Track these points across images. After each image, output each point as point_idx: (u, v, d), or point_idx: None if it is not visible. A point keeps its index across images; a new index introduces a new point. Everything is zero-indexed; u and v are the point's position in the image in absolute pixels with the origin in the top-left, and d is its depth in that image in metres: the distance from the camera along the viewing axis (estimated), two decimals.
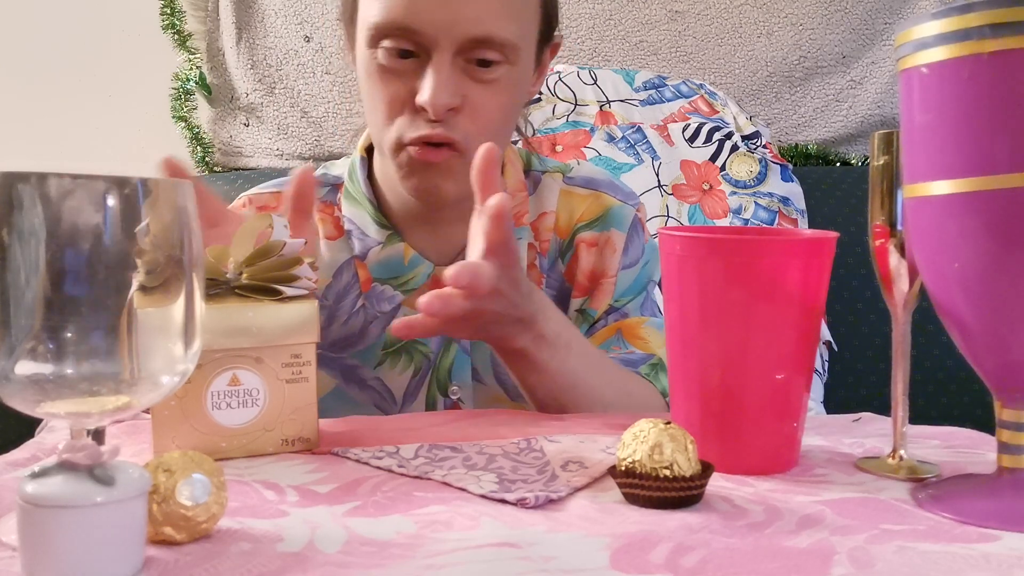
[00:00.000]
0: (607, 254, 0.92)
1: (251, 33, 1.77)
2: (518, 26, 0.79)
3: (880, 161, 0.55)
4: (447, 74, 0.76)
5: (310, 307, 0.57)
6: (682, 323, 0.55)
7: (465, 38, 0.76)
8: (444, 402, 0.89)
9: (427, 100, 0.76)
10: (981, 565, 0.40)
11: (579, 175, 0.96)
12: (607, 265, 0.92)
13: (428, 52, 0.77)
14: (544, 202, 0.94)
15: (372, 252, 0.89)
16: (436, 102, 0.76)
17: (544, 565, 0.40)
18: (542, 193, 0.94)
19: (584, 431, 0.63)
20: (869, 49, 1.77)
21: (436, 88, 0.76)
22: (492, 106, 0.80)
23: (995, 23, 0.43)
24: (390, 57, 0.78)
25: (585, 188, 0.95)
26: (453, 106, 0.77)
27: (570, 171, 0.96)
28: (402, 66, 0.78)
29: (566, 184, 0.95)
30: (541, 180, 0.95)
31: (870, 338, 1.49)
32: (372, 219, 0.89)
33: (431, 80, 0.76)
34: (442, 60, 0.76)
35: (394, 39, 0.77)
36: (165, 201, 0.39)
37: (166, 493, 0.41)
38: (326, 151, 1.77)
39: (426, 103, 0.76)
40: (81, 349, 0.37)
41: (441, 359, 0.88)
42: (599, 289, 0.92)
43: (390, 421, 0.67)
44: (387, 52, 0.78)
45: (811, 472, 0.55)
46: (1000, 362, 0.48)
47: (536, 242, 0.93)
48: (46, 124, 1.79)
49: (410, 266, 0.89)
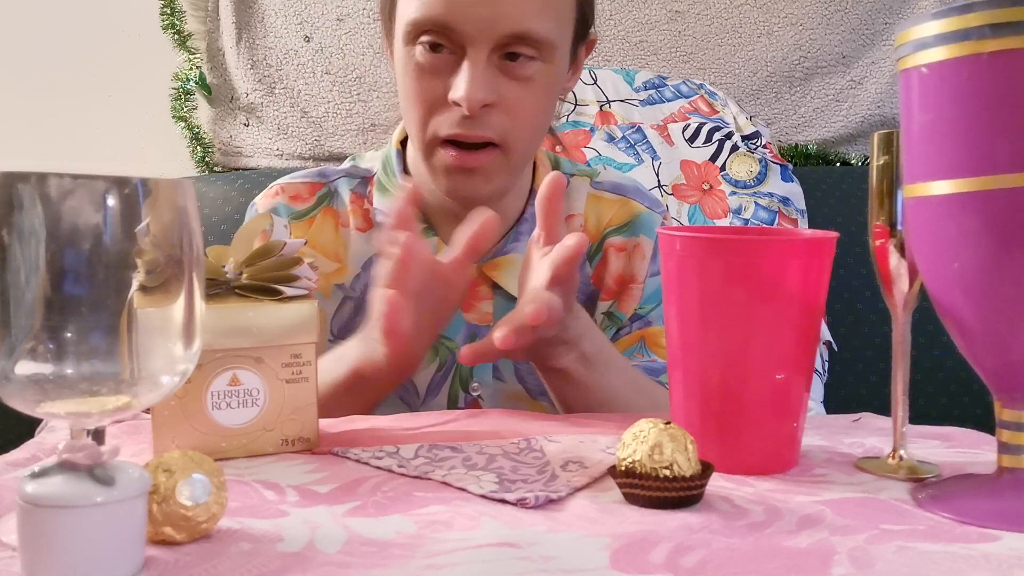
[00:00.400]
0: (636, 259, 0.93)
1: (251, 33, 1.77)
2: (555, 24, 0.79)
3: (880, 161, 0.55)
4: (483, 70, 0.77)
5: (310, 307, 0.57)
6: (682, 323, 0.55)
7: (502, 35, 0.76)
8: (465, 398, 0.89)
9: (462, 96, 0.76)
10: (981, 565, 0.40)
11: (607, 180, 0.97)
12: (636, 270, 0.93)
13: (464, 49, 0.77)
14: (572, 204, 0.95)
15: None
16: (471, 97, 0.76)
17: (544, 565, 0.40)
18: (570, 196, 0.95)
19: (584, 431, 0.63)
20: (869, 49, 1.77)
21: (471, 84, 0.76)
22: (528, 103, 0.80)
23: (995, 23, 0.43)
24: (427, 54, 0.78)
25: (613, 193, 0.96)
26: (488, 102, 0.78)
27: (597, 176, 0.98)
28: (439, 63, 0.78)
29: (594, 188, 0.96)
30: (570, 183, 0.96)
31: (870, 338, 1.49)
32: None
33: (466, 76, 0.76)
34: (478, 57, 0.77)
35: (431, 35, 0.77)
36: (165, 201, 0.39)
37: (166, 493, 0.41)
38: (326, 151, 1.77)
39: (461, 99, 0.76)
40: (81, 349, 0.37)
41: None
42: (627, 294, 0.93)
43: (390, 421, 0.68)
44: (424, 49, 0.78)
45: (811, 472, 0.55)
46: (1000, 362, 0.48)
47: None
48: (46, 124, 1.79)
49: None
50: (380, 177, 0.93)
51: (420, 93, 0.80)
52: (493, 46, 0.77)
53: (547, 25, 0.78)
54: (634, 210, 0.95)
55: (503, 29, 0.76)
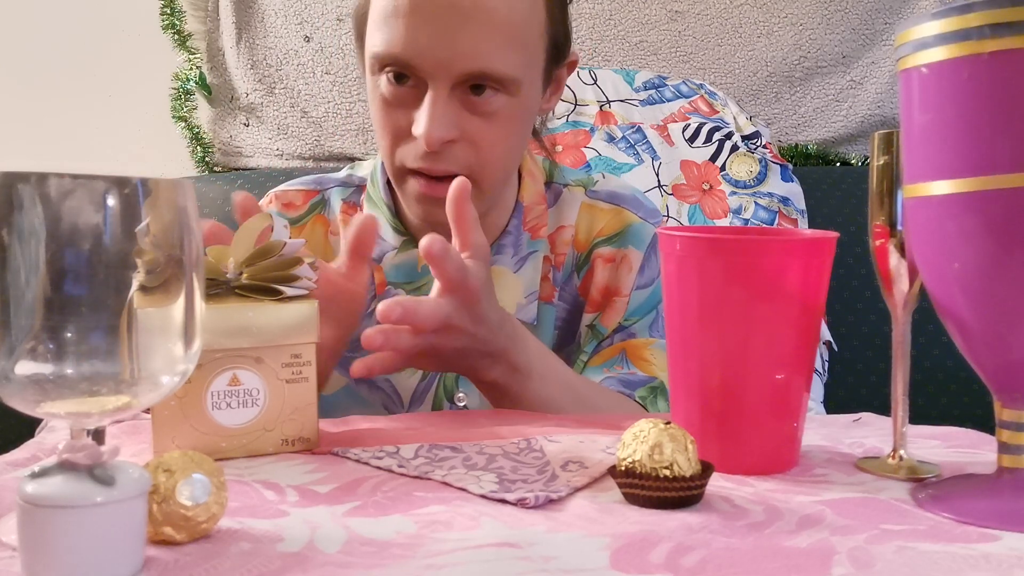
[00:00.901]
0: (623, 272, 0.92)
1: (251, 33, 1.77)
2: (519, 58, 0.79)
3: (880, 161, 0.55)
4: (443, 106, 0.77)
5: (310, 307, 0.57)
6: (682, 323, 0.55)
7: (462, 73, 0.76)
8: (450, 408, 0.89)
9: (422, 133, 0.76)
10: (981, 565, 0.40)
11: (603, 189, 0.96)
12: (621, 283, 0.92)
13: (426, 83, 0.77)
14: (563, 215, 0.94)
15: (387, 256, 0.90)
16: (431, 135, 0.76)
17: (544, 565, 0.40)
18: (562, 206, 0.94)
19: (584, 431, 0.63)
20: (869, 49, 1.77)
21: (431, 121, 0.76)
22: (492, 138, 0.80)
23: (995, 23, 0.43)
24: (391, 86, 0.79)
25: (608, 203, 0.95)
26: (449, 139, 0.78)
27: (594, 184, 0.96)
28: (403, 95, 0.79)
29: (589, 198, 0.95)
30: (562, 193, 0.95)
31: (870, 338, 1.49)
32: (389, 224, 0.90)
33: (426, 112, 0.76)
34: (439, 93, 0.77)
35: (394, 68, 0.78)
36: (165, 201, 0.39)
37: (166, 493, 0.41)
38: (326, 151, 1.77)
39: (420, 136, 0.77)
40: (81, 349, 0.37)
41: None
42: (611, 307, 0.91)
43: (390, 421, 0.68)
44: (388, 80, 0.79)
45: (811, 472, 0.55)
46: (1000, 362, 0.48)
47: (552, 255, 0.93)
48: (46, 124, 1.79)
49: (423, 272, 0.89)
50: (368, 189, 0.93)
51: (386, 124, 0.81)
52: (454, 83, 0.77)
53: (509, 61, 0.77)
54: (626, 220, 0.94)
55: (462, 68, 0.76)
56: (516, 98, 0.80)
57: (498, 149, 0.81)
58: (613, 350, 0.90)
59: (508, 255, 0.90)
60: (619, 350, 0.89)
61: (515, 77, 0.78)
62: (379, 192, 0.92)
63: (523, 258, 0.91)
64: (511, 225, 0.91)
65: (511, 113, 0.80)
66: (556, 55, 0.85)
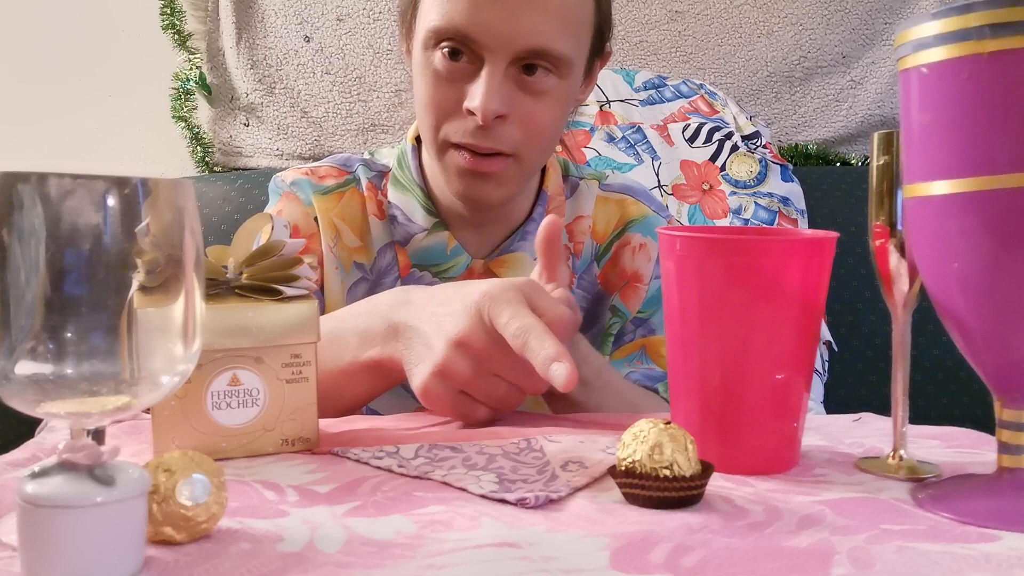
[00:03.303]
0: (641, 258, 0.95)
1: (251, 33, 1.77)
2: (573, 41, 0.81)
3: (880, 161, 0.55)
4: (499, 82, 0.78)
5: (310, 307, 0.57)
6: (682, 323, 0.55)
7: (521, 49, 0.78)
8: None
9: (478, 106, 0.78)
10: (981, 565, 0.40)
11: (614, 182, 1.00)
12: (642, 269, 0.95)
13: (483, 59, 0.79)
14: (580, 206, 0.98)
15: (416, 238, 0.91)
16: (486, 108, 0.78)
17: (544, 565, 0.40)
18: (579, 198, 0.98)
19: (584, 431, 0.63)
20: (869, 49, 1.77)
21: (487, 95, 0.78)
22: (541, 117, 0.82)
23: (995, 23, 0.43)
24: (445, 61, 0.80)
25: (622, 194, 0.99)
26: (502, 114, 0.79)
27: (605, 179, 1.00)
28: (457, 71, 0.80)
29: (602, 191, 0.99)
30: (579, 186, 0.99)
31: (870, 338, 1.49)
32: (421, 206, 0.92)
33: (483, 86, 0.78)
34: (495, 68, 0.78)
35: (452, 43, 0.79)
36: (165, 201, 0.39)
37: (166, 493, 0.41)
38: (326, 151, 1.77)
39: (476, 108, 0.78)
40: (81, 349, 0.37)
41: None
42: (633, 292, 0.95)
43: (390, 421, 0.68)
44: (443, 56, 0.80)
45: (811, 472, 0.55)
46: (1000, 362, 0.48)
47: (570, 243, 0.97)
48: (46, 124, 1.79)
49: (451, 255, 0.91)
50: (395, 172, 0.94)
51: (435, 99, 0.81)
52: (511, 59, 0.78)
53: (566, 42, 0.79)
54: (642, 211, 0.97)
55: (522, 44, 0.77)
56: (565, 80, 0.82)
57: (545, 130, 0.83)
58: (634, 346, 0.93)
59: (530, 241, 0.93)
60: (639, 346, 0.93)
61: (569, 57, 0.80)
62: (410, 175, 0.93)
63: None
64: (536, 213, 0.94)
65: (560, 95, 0.82)
66: (599, 45, 0.88)
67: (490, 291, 0.62)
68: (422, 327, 0.65)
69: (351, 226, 0.93)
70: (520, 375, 0.63)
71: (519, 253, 0.92)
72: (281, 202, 0.93)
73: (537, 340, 0.58)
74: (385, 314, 0.68)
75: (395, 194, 0.93)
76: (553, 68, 0.80)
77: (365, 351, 0.68)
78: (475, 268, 0.92)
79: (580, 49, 0.83)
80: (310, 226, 0.91)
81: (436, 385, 0.63)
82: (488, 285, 0.63)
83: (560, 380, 0.56)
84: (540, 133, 0.82)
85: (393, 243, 0.92)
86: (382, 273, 0.93)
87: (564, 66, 0.80)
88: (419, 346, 0.65)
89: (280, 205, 0.93)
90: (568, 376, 0.56)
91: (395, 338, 0.66)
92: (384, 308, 0.68)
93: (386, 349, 0.67)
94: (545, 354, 0.57)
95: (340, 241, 0.92)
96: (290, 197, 0.93)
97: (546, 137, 0.84)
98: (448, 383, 0.63)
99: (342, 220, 0.92)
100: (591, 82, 0.92)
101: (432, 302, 0.66)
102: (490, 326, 0.61)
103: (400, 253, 0.92)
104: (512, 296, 0.61)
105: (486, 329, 0.62)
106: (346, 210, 0.93)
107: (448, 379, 0.63)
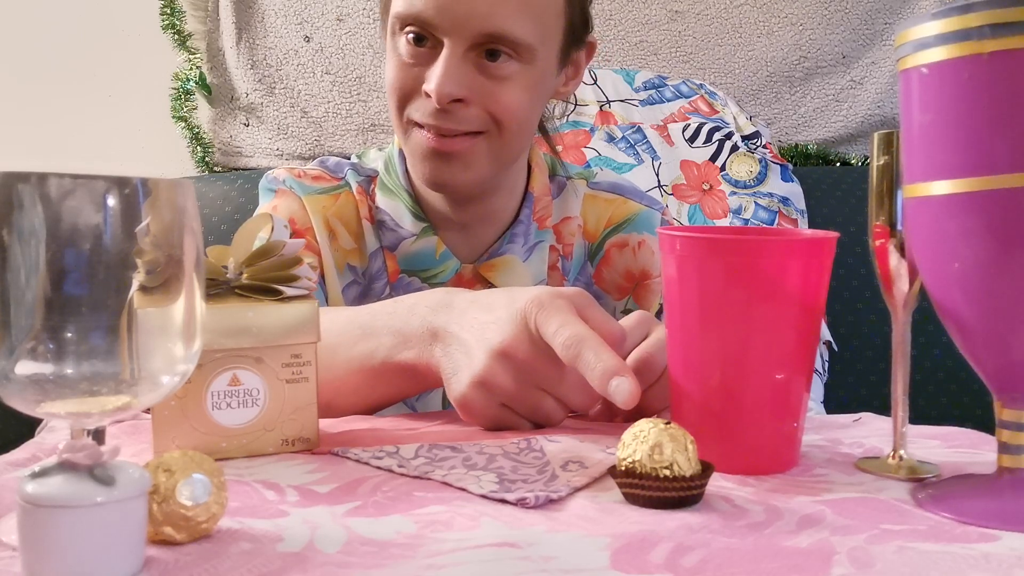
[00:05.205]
0: (644, 255, 0.95)
1: (251, 33, 1.77)
2: (534, 26, 0.80)
3: (880, 161, 0.55)
4: (456, 65, 0.79)
5: (310, 307, 0.57)
6: (682, 323, 0.55)
7: (478, 33, 0.78)
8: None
9: (433, 88, 0.79)
10: (981, 565, 0.40)
11: (603, 180, 1.00)
12: (648, 265, 0.95)
13: (443, 44, 0.79)
14: (568, 206, 0.97)
15: (405, 243, 0.91)
16: (441, 90, 0.78)
17: (544, 565, 0.40)
18: (566, 198, 0.98)
19: (584, 431, 0.63)
20: (869, 49, 1.77)
21: (442, 77, 0.78)
22: (506, 100, 0.81)
23: (995, 23, 0.43)
24: (409, 46, 0.81)
25: (611, 192, 0.98)
26: (458, 96, 0.79)
27: (594, 177, 1.00)
28: (419, 55, 0.81)
29: (591, 189, 0.98)
30: (566, 185, 0.98)
31: (870, 338, 1.49)
32: (409, 210, 0.92)
33: (440, 69, 0.79)
34: (454, 52, 0.79)
35: (414, 28, 0.80)
36: (165, 201, 0.39)
37: (166, 493, 0.41)
38: (326, 151, 1.77)
39: (431, 90, 0.79)
40: (81, 349, 0.37)
41: None
42: (646, 290, 0.95)
43: (390, 421, 0.67)
44: (407, 41, 0.81)
45: (811, 472, 0.55)
46: (1000, 362, 0.47)
47: (559, 244, 0.96)
48: (46, 124, 1.79)
49: (440, 260, 0.91)
50: (383, 177, 0.94)
51: (399, 81, 0.83)
52: (470, 44, 0.79)
53: (524, 27, 0.79)
54: (632, 208, 0.97)
55: (477, 27, 0.78)
56: (530, 67, 0.82)
57: (512, 113, 0.82)
58: None
59: (519, 244, 0.92)
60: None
61: (529, 43, 0.80)
62: (397, 179, 0.93)
63: (531, 247, 0.93)
64: (522, 215, 0.93)
65: (525, 81, 0.82)
66: (574, 37, 0.87)
67: (538, 298, 0.58)
68: (463, 334, 0.61)
69: (347, 227, 0.92)
70: (567, 389, 0.60)
71: (508, 256, 0.92)
72: (276, 198, 0.93)
73: (592, 352, 0.54)
74: (424, 316, 0.64)
75: (383, 199, 0.93)
76: (514, 54, 0.80)
77: (400, 352, 0.65)
78: (464, 272, 0.92)
79: (546, 36, 0.82)
80: (306, 220, 0.91)
81: (476, 397, 0.60)
82: (536, 291, 0.59)
83: (623, 396, 0.52)
84: (509, 116, 0.82)
85: (381, 248, 0.92)
86: (374, 276, 0.92)
87: (525, 51, 0.80)
88: (458, 354, 0.61)
89: (275, 201, 0.93)
90: (632, 392, 0.52)
91: (433, 343, 0.63)
92: (423, 309, 0.65)
93: (423, 353, 0.64)
94: (603, 367, 0.54)
95: (335, 241, 0.92)
96: (285, 193, 0.93)
97: (516, 121, 0.83)
98: (489, 395, 0.60)
99: (339, 220, 0.92)
100: (577, 73, 0.91)
101: (475, 307, 0.62)
102: (536, 335, 0.58)
103: (388, 258, 0.91)
104: (562, 304, 0.58)
105: (532, 339, 0.58)
106: (342, 211, 0.93)
107: (489, 391, 0.60)
